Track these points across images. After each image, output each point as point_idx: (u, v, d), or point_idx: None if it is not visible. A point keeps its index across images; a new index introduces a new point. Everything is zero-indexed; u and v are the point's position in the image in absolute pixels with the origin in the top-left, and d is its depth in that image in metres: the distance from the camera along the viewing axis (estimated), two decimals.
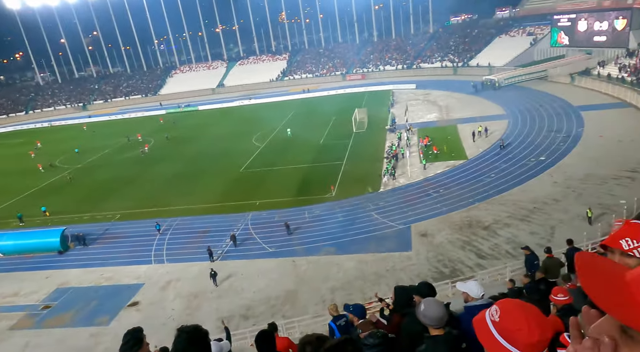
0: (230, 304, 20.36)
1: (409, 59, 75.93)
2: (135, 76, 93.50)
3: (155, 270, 24.21)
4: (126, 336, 4.02)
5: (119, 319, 20.02)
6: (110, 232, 29.24)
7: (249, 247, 25.04)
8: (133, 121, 66.82)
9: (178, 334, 2.53)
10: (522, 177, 28.04)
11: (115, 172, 41.72)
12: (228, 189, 33.44)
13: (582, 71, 49.97)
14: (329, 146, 40.45)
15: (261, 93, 74.11)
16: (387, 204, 27.52)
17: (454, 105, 49.23)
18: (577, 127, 35.46)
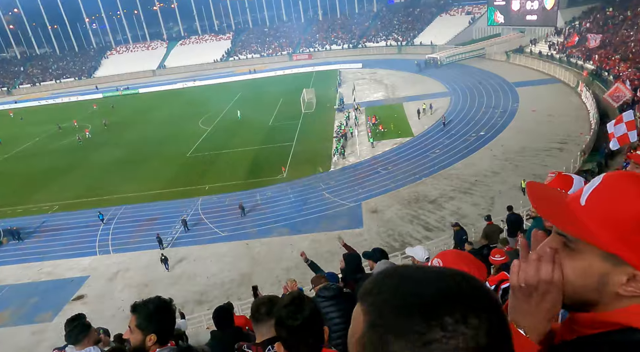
0: (184, 291, 19.98)
1: (355, 38, 76.18)
2: (66, 58, 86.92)
3: (100, 261, 23.18)
4: (70, 323, 3.83)
5: (63, 314, 19.03)
6: (47, 225, 27.49)
7: (201, 232, 24.56)
8: (66, 106, 62.38)
9: (143, 303, 2.50)
10: (464, 152, 29.36)
11: (50, 161, 39.02)
12: (175, 175, 32.36)
13: (517, 49, 52.57)
14: (278, 127, 40.08)
15: (205, 74, 71.61)
16: (337, 183, 27.89)
17: (399, 83, 50.24)
18: (512, 102, 37.45)
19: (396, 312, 0.63)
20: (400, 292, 0.65)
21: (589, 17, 47.33)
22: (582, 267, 0.89)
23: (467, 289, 0.66)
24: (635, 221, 0.82)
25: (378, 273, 0.70)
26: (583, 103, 34.08)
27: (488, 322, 0.63)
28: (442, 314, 0.61)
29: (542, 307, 0.91)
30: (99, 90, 69.89)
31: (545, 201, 0.97)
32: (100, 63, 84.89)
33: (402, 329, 0.62)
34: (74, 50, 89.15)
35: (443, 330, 0.60)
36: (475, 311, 0.63)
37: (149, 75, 78.06)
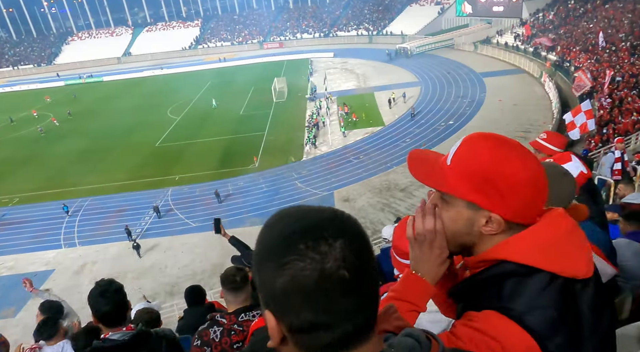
0: (154, 283, 19.71)
1: (326, 27, 75.81)
2: (24, 43, 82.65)
3: (66, 254, 22.51)
4: (43, 323, 3.79)
5: (27, 309, 18.44)
6: (7, 218, 26.39)
7: (171, 223, 24.19)
8: (25, 95, 59.50)
9: (92, 288, 2.46)
10: (434, 141, 29.95)
11: (8, 152, 37.31)
12: (143, 165, 31.60)
13: (484, 40, 53.69)
14: (249, 117, 39.63)
15: (173, 62, 69.71)
16: (310, 173, 27.95)
17: (371, 73, 50.49)
18: (480, 92, 38.35)
19: (268, 242, 0.75)
20: (276, 226, 0.76)
21: (552, 9, 48.82)
22: (453, 216, 1.07)
23: (325, 221, 0.74)
24: (483, 173, 1.00)
25: (277, 211, 0.81)
26: (546, 93, 35.28)
27: (339, 249, 0.71)
28: (297, 242, 0.71)
29: (432, 253, 1.09)
30: (61, 77, 66.99)
31: (418, 162, 1.16)
32: (60, 49, 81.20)
33: (268, 255, 0.74)
34: (32, 35, 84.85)
35: (296, 254, 0.70)
36: (327, 239, 0.71)
37: (114, 63, 75.33)
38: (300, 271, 0.70)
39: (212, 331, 2.56)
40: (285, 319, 0.73)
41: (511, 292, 0.99)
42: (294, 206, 0.81)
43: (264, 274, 0.74)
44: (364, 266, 0.74)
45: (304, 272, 0.70)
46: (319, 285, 0.69)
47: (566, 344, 0.93)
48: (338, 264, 0.70)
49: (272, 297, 0.73)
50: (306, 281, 0.69)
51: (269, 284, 0.72)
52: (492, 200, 1.00)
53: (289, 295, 0.70)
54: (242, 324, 2.57)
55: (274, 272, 0.72)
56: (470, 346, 0.96)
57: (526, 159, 1.01)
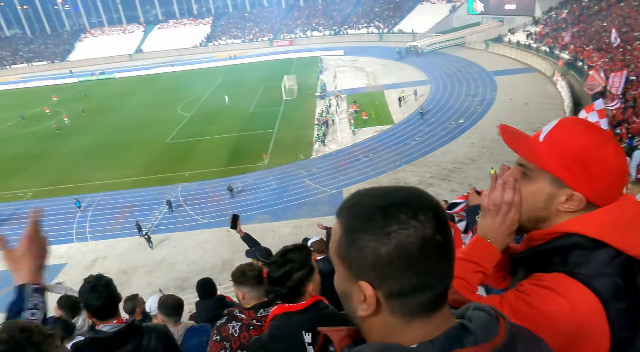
0: (164, 278, 19.93)
1: (336, 25, 75.68)
2: (38, 40, 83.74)
3: (78, 249, 22.86)
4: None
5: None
6: (22, 212, 26.79)
7: (181, 219, 24.41)
8: (38, 91, 60.28)
9: (82, 284, 2.56)
10: (444, 140, 29.81)
11: (23, 147, 37.88)
12: (154, 161, 31.89)
13: (495, 38, 53.19)
14: (259, 114, 39.77)
15: (184, 60, 70.18)
16: (319, 170, 28.01)
17: (381, 71, 50.34)
18: (490, 91, 38.04)
19: (360, 216, 0.80)
20: (362, 203, 0.83)
21: (566, 7, 48.19)
22: (535, 190, 1.15)
23: (415, 196, 0.82)
24: (574, 152, 1.08)
25: (354, 192, 0.88)
26: (558, 92, 34.88)
27: (432, 218, 0.78)
28: (397, 213, 0.77)
29: (505, 223, 1.19)
30: (74, 74, 67.77)
31: (512, 135, 1.24)
32: (74, 46, 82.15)
33: (366, 227, 0.78)
34: (46, 32, 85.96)
35: (398, 224, 0.76)
36: (422, 210, 0.78)
37: (125, 60, 76.02)
38: (405, 238, 0.76)
39: (230, 326, 2.57)
40: (386, 285, 0.78)
41: (578, 260, 1.07)
42: (370, 187, 0.87)
43: (360, 246, 0.78)
44: (449, 232, 0.82)
45: (409, 239, 0.76)
46: (422, 249, 0.76)
47: (625, 311, 1.01)
48: (434, 230, 0.78)
49: (372, 265, 0.78)
50: (411, 246, 0.76)
51: (369, 253, 0.77)
52: (578, 179, 1.08)
53: (393, 261, 0.76)
54: (260, 319, 2.58)
55: (375, 242, 0.77)
56: (538, 301, 1.04)
57: (617, 148, 1.09)
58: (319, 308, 2.13)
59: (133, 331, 2.49)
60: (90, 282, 2.52)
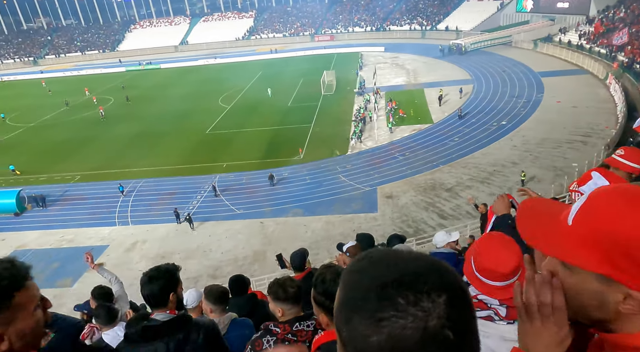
0: (199, 265, 20.51)
1: (378, 21, 74.84)
2: (91, 30, 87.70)
3: (119, 232, 23.87)
4: (101, 307, 4.08)
5: (82, 281, 19.80)
6: (70, 194, 28.31)
7: (217, 208, 24.99)
8: (90, 79, 63.13)
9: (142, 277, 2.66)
10: (484, 141, 28.96)
11: (72, 132, 39.85)
12: (194, 151, 32.79)
13: (545, 37, 51.01)
14: (297, 108, 40.03)
15: (227, 52, 71.53)
16: (353, 167, 27.91)
17: (422, 69, 49.43)
18: (537, 92, 36.56)
19: (357, 291, 0.68)
20: (366, 273, 0.69)
21: (624, 6, 45.48)
22: (579, 286, 0.86)
23: (425, 272, 0.67)
24: (618, 239, 0.78)
25: (362, 253, 0.76)
26: (611, 96, 33.09)
27: (444, 305, 0.63)
28: (395, 296, 0.64)
29: (547, 330, 0.89)
30: (123, 63, 70.53)
31: (530, 220, 0.94)
32: (124, 37, 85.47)
33: (360, 307, 0.66)
34: (99, 22, 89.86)
35: (394, 310, 0.63)
36: (429, 294, 0.64)
37: (171, 51, 78.35)
38: (400, 329, 0.62)
39: (264, 341, 2.50)
40: None
41: None
42: (381, 249, 0.75)
43: (353, 327, 0.66)
44: (468, 326, 0.67)
45: (405, 331, 0.62)
46: (420, 346, 0.62)
47: None
48: (442, 322, 0.63)
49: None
50: (407, 340, 0.62)
51: (359, 340, 0.65)
52: (630, 273, 0.79)
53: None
54: (296, 333, 2.50)
55: (367, 328, 0.64)
56: None
57: None
58: None
59: (183, 323, 2.58)
60: (150, 271, 2.64)
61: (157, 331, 2.50)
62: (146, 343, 2.48)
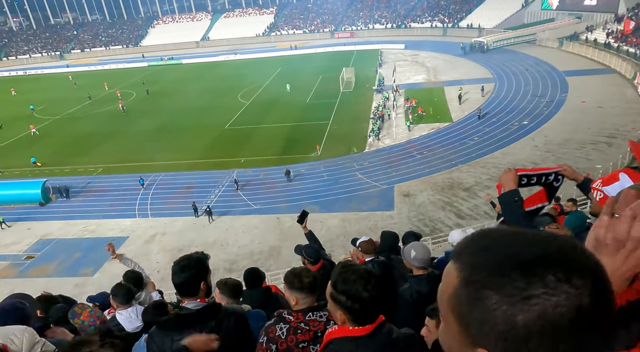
0: (215, 258, 20.75)
1: (399, 18, 74.17)
2: (115, 25, 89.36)
3: (139, 224, 24.36)
4: (119, 287, 4.21)
5: (103, 271, 20.32)
6: (92, 186, 29.01)
7: (234, 203, 25.27)
8: (113, 73, 64.39)
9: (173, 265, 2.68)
10: (505, 141, 28.50)
11: (95, 125, 40.78)
12: (212, 146, 33.18)
13: (570, 36, 49.76)
14: (315, 105, 40.07)
15: (247, 48, 71.99)
16: (371, 165, 27.82)
17: (442, 67, 48.85)
18: (561, 92, 35.76)
19: (492, 268, 0.64)
20: (496, 250, 0.66)
21: None
22: None
23: (569, 250, 0.65)
24: None
25: (471, 233, 0.73)
26: (639, 96, 32.14)
27: (592, 284, 0.62)
28: (544, 272, 0.61)
29: (626, 264, 0.90)
30: (145, 58, 71.68)
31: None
32: (147, 32, 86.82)
33: (499, 284, 0.62)
34: (123, 18, 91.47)
35: (544, 287, 0.60)
36: (578, 272, 0.62)
37: (192, 47, 79.26)
38: (552, 307, 0.60)
39: (278, 328, 2.55)
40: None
41: None
42: (506, 229, 0.71)
43: (488, 306, 0.63)
44: (612, 304, 0.65)
45: (558, 309, 0.60)
46: (574, 324, 0.60)
47: None
48: (593, 300, 0.61)
49: (501, 335, 0.62)
50: (560, 319, 0.59)
51: (499, 319, 0.62)
52: None
53: (532, 335, 0.60)
54: (308, 323, 2.53)
55: (510, 306, 0.61)
56: None
57: None
58: (386, 332, 1.95)
59: (214, 311, 2.64)
60: (182, 260, 2.66)
61: (191, 320, 2.56)
62: (180, 332, 2.52)
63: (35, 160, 32.60)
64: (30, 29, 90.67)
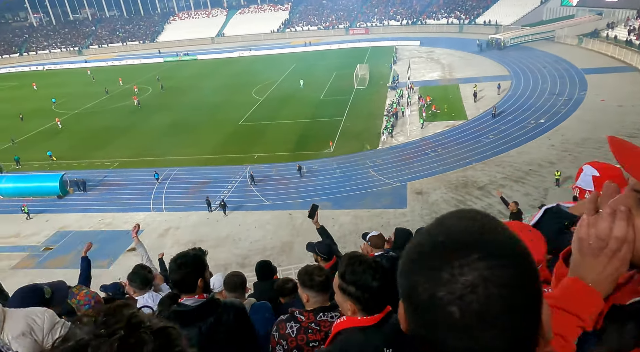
0: (228, 253, 20.99)
1: (414, 14, 73.48)
2: (132, 21, 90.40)
3: (153, 218, 24.70)
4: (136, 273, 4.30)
5: (118, 263, 20.67)
6: (108, 179, 29.50)
7: (247, 199, 25.44)
8: (130, 69, 65.17)
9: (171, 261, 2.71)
10: (520, 139, 28.11)
11: (112, 120, 41.37)
12: (226, 141, 33.42)
13: (591, 33, 48.72)
14: (328, 102, 40.02)
15: (261, 44, 72.12)
16: (384, 162, 27.73)
17: (458, 64, 48.31)
18: (579, 90, 35.08)
19: (418, 252, 0.71)
20: (427, 235, 0.73)
21: None
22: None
23: (490, 237, 0.68)
24: None
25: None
26: None
27: (508, 269, 0.65)
28: (456, 257, 0.65)
29: (610, 264, 0.89)
30: (161, 54, 72.38)
31: (624, 149, 0.93)
32: (163, 28, 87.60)
33: (420, 266, 0.69)
34: (140, 14, 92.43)
35: (454, 268, 0.65)
36: (493, 257, 0.65)
37: (208, 43, 79.72)
38: (463, 286, 0.65)
39: (288, 325, 2.59)
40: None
41: None
42: (446, 215, 0.77)
43: (412, 281, 0.70)
44: (525, 288, 0.69)
45: (470, 289, 0.64)
46: (485, 304, 0.65)
47: None
48: (508, 282, 0.65)
49: (420, 304, 0.69)
50: (471, 297, 0.64)
51: (421, 295, 0.68)
52: None
53: (447, 308, 0.66)
54: (319, 323, 2.55)
55: (430, 284, 0.67)
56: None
57: None
58: (393, 321, 1.95)
59: (213, 306, 2.64)
60: (178, 257, 2.68)
61: (189, 317, 2.54)
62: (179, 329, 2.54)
63: (51, 154, 33.25)
64: (50, 24, 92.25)
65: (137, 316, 0.75)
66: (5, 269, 21.36)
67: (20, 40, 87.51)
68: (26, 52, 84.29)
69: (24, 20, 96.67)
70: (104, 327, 0.73)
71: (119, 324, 0.72)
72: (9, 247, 23.08)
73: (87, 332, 0.72)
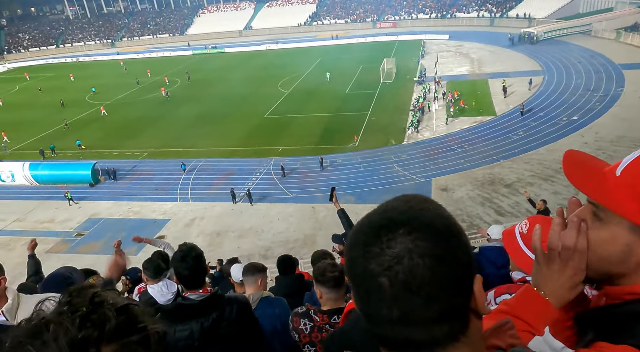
0: (251, 244, 21.30)
1: (444, 7, 71.98)
2: (163, 14, 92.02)
3: (180, 207, 25.27)
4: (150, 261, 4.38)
5: (145, 251, 21.19)
6: (138, 169, 30.31)
7: (271, 191, 25.69)
8: (160, 61, 66.44)
9: (175, 251, 2.69)
10: (551, 137, 27.31)
11: (142, 111, 42.39)
12: (252, 134, 33.75)
13: (631, 26, 46.63)
14: (354, 95, 39.82)
15: (289, 38, 72.23)
16: (409, 157, 27.46)
17: (488, 58, 47.15)
18: (616, 86, 33.71)
19: (357, 232, 0.78)
20: (366, 217, 0.80)
21: None
22: (608, 237, 0.90)
23: (417, 213, 0.75)
24: None
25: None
26: None
27: (432, 241, 0.70)
28: (385, 232, 0.72)
29: (564, 274, 0.93)
30: (190, 47, 73.48)
31: (578, 167, 0.97)
32: (192, 21, 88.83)
33: (357, 243, 0.75)
34: (170, 7, 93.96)
35: (383, 242, 0.71)
36: (417, 231, 0.71)
37: (236, 36, 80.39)
38: (389, 260, 0.72)
39: (302, 322, 2.61)
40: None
41: None
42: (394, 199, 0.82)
43: (350, 257, 0.78)
44: (441, 259, 0.74)
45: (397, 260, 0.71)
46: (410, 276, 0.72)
47: None
48: (424, 254, 0.71)
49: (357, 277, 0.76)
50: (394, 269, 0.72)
51: (357, 268, 0.76)
52: None
53: (378, 279, 0.73)
54: (333, 325, 2.55)
55: (364, 259, 0.75)
56: None
57: None
58: None
59: (217, 301, 2.62)
60: (182, 251, 2.64)
61: (192, 311, 2.53)
62: (182, 323, 2.48)
63: (81, 143, 34.36)
64: (85, 17, 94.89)
65: (100, 295, 0.78)
66: (40, 252, 22.08)
67: (56, 33, 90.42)
68: (62, 44, 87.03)
69: (61, 13, 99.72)
70: (67, 305, 0.76)
71: (82, 302, 0.76)
72: (44, 231, 24.06)
73: (52, 311, 0.77)
